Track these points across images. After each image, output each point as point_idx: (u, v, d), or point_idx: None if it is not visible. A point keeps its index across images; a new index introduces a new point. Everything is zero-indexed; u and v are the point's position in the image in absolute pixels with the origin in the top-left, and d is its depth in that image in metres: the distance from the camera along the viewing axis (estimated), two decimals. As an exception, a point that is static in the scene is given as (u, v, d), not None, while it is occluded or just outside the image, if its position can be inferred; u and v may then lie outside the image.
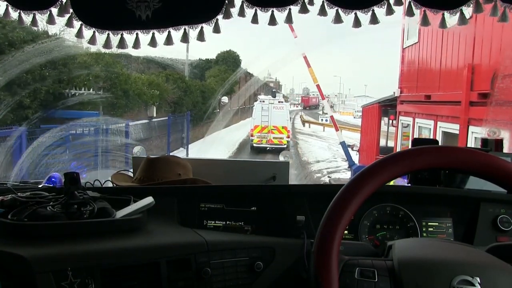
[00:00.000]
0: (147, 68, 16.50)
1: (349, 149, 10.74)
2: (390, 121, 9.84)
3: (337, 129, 11.49)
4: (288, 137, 17.02)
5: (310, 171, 13.41)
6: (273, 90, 21.36)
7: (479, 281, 0.73)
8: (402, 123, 8.54)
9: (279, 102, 17.58)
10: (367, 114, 12.34)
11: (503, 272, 0.76)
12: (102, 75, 10.55)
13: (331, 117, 12.35)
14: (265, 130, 16.64)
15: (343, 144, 10.63)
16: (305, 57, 10.66)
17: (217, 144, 16.25)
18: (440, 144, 3.20)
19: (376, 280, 0.80)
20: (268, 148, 16.76)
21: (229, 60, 24.99)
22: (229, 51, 25.36)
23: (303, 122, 33.05)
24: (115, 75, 11.11)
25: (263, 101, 17.45)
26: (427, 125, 7.03)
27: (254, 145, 16.92)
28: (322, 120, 30.87)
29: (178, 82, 16.54)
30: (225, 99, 20.87)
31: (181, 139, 16.24)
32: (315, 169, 13.61)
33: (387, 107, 10.11)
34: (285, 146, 16.71)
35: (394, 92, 9.07)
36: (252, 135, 16.99)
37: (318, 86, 11.26)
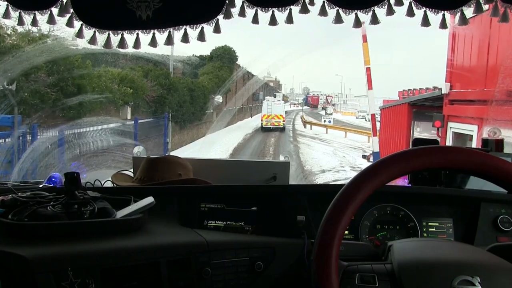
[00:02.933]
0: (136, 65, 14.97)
1: (365, 160, 9.38)
2: (436, 129, 6.96)
3: (375, 134, 9.34)
4: (283, 121, 26.70)
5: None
6: (274, 93, 28.52)
7: (479, 280, 0.73)
8: (453, 131, 6.27)
9: (278, 100, 28.42)
10: (390, 117, 9.93)
11: (502, 270, 0.76)
12: (43, 65, 8.30)
13: (372, 115, 9.94)
14: (270, 117, 26.23)
15: (376, 156, 8.76)
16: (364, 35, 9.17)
17: (210, 151, 15.45)
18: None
19: (377, 285, 0.80)
20: (271, 127, 25.83)
21: (225, 56, 23.00)
22: (224, 47, 23.24)
23: (304, 123, 31.75)
24: (63, 67, 8.67)
25: (268, 100, 27.84)
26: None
27: (263, 126, 26.18)
28: (325, 121, 30.47)
29: (160, 79, 14.39)
30: (219, 98, 20.46)
31: (165, 144, 15.00)
32: (321, 182, 12.16)
33: (425, 108, 7.94)
34: (282, 126, 26.37)
35: (440, 88, 6.82)
36: (261, 120, 26.66)
37: (368, 69, 9.67)
